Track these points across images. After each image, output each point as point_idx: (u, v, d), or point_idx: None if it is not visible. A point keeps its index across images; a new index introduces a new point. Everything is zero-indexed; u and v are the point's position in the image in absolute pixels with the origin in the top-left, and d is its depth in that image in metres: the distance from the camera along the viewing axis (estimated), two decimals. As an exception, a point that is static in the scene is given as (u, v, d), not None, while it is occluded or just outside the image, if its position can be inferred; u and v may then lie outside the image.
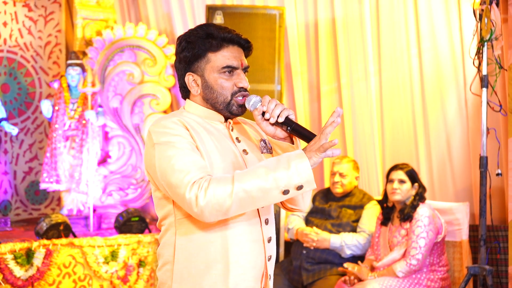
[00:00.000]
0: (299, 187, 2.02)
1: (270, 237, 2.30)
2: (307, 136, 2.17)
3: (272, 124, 2.21)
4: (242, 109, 2.27)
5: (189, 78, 2.26)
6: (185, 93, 2.32)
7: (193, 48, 2.22)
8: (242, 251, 2.19)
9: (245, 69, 2.28)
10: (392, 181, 4.45)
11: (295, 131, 2.19)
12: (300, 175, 2.01)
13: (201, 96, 2.26)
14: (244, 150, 2.28)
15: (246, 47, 2.29)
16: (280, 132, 2.23)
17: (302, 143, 2.25)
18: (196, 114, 2.26)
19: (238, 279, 2.18)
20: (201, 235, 2.14)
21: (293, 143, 2.23)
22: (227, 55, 2.23)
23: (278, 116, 2.18)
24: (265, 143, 2.39)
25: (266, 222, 2.28)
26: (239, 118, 2.39)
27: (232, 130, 2.32)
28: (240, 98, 2.25)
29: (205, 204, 1.99)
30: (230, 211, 2.03)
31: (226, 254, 2.16)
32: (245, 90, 2.26)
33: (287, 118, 2.18)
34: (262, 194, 2.01)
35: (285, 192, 2.02)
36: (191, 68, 2.25)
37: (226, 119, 2.31)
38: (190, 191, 2.00)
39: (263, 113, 2.20)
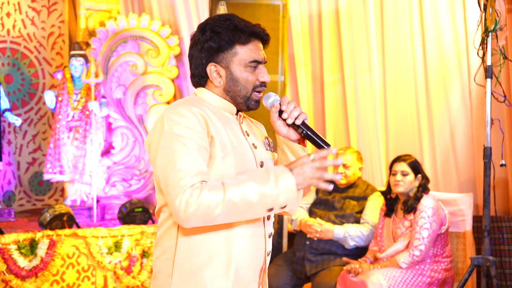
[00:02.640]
0: (283, 207, 2.06)
1: (271, 232, 2.32)
2: (320, 143, 2.20)
3: (287, 125, 2.25)
4: (258, 105, 2.28)
5: (211, 69, 2.22)
6: (200, 81, 2.28)
7: (220, 39, 2.19)
8: (245, 245, 2.20)
9: (265, 63, 2.29)
10: (395, 173, 4.44)
11: (309, 136, 2.22)
12: (286, 195, 2.04)
13: (222, 88, 2.24)
14: (253, 144, 2.28)
15: (266, 41, 2.28)
16: (293, 134, 2.27)
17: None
18: (210, 103, 2.25)
19: (239, 272, 2.18)
20: (206, 226, 2.12)
21: (305, 146, 2.27)
22: (253, 49, 2.22)
23: (295, 118, 2.21)
24: (269, 141, 2.41)
25: (268, 218, 2.30)
26: (246, 116, 2.40)
27: (242, 123, 2.32)
28: (258, 93, 2.25)
29: (193, 211, 1.98)
30: (216, 220, 2.03)
31: (229, 247, 2.16)
32: (265, 85, 2.26)
33: (303, 122, 2.22)
34: (249, 208, 2.03)
35: (270, 210, 2.06)
36: (214, 58, 2.21)
37: (237, 112, 2.31)
38: (182, 197, 1.99)
39: (280, 112, 2.23)
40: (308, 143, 2.30)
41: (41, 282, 4.90)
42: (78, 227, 5.30)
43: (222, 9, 5.47)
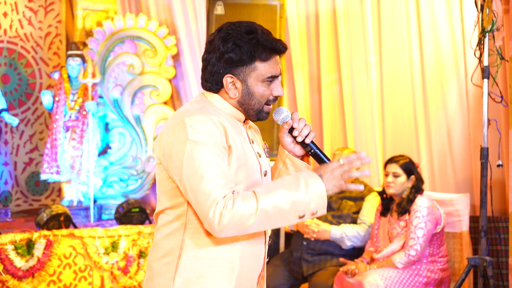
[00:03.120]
0: (314, 213, 2.06)
1: (270, 238, 2.32)
2: (326, 163, 2.22)
3: (296, 142, 2.27)
4: (268, 116, 2.28)
5: (228, 80, 2.19)
6: (212, 88, 2.24)
7: (241, 53, 2.16)
8: (248, 251, 2.20)
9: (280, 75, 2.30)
10: (387, 174, 4.44)
11: (316, 155, 2.26)
12: (317, 201, 2.04)
13: (237, 100, 2.22)
14: (258, 153, 2.29)
15: (283, 53, 2.27)
16: (299, 150, 2.30)
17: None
18: (222, 110, 2.23)
19: (241, 280, 2.19)
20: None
21: (309, 164, 2.31)
22: (272, 65, 2.21)
23: (305, 136, 2.24)
24: (266, 148, 2.41)
25: None
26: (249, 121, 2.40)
27: (248, 129, 2.32)
28: (269, 106, 2.26)
29: (228, 222, 1.98)
30: (249, 230, 2.04)
31: (234, 253, 2.17)
32: (277, 98, 2.27)
33: (312, 140, 2.25)
34: (281, 217, 2.03)
35: (302, 217, 2.05)
36: (232, 70, 2.18)
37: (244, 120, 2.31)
38: (216, 209, 1.98)
39: (290, 129, 2.25)
40: (311, 160, 2.33)
41: (38, 283, 4.90)
42: (75, 227, 5.30)
43: (219, 9, 5.47)
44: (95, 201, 6.15)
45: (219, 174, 2.02)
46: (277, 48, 2.20)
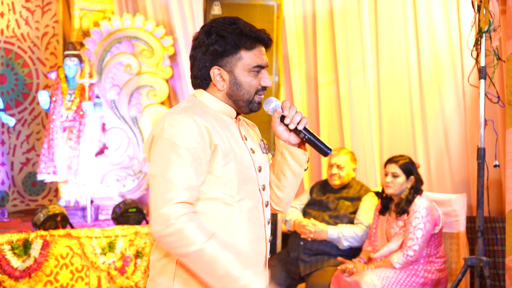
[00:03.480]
0: None
1: (269, 220, 2.34)
2: (322, 148, 2.23)
3: (289, 130, 2.26)
4: (260, 106, 2.30)
5: (215, 72, 2.22)
6: (201, 84, 2.28)
7: (226, 43, 2.19)
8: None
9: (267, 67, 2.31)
10: (386, 174, 4.46)
11: (311, 141, 2.24)
12: None
13: (225, 91, 2.25)
14: (251, 149, 2.29)
15: (269, 45, 2.31)
16: (294, 138, 2.29)
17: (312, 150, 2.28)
18: (211, 107, 2.25)
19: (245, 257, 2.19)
20: (209, 211, 2.15)
21: (306, 151, 2.30)
22: (258, 54, 2.25)
23: (298, 123, 2.23)
24: (264, 143, 2.42)
25: (267, 204, 2.32)
26: (242, 117, 2.41)
27: (241, 126, 2.34)
28: (260, 96, 2.27)
29: (169, 233, 1.99)
30: (179, 256, 2.05)
31: (233, 233, 2.17)
32: (266, 88, 2.29)
33: (304, 126, 2.23)
34: (210, 273, 2.04)
35: None
36: (219, 62, 2.22)
37: (236, 115, 2.32)
38: (168, 211, 2.00)
39: (281, 118, 2.25)
40: (308, 146, 2.32)
41: (35, 283, 4.89)
42: (72, 227, 5.29)
43: (216, 10, 5.47)
44: (92, 201, 6.14)
45: (180, 177, 2.04)
46: (260, 37, 2.24)
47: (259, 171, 2.28)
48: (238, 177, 2.17)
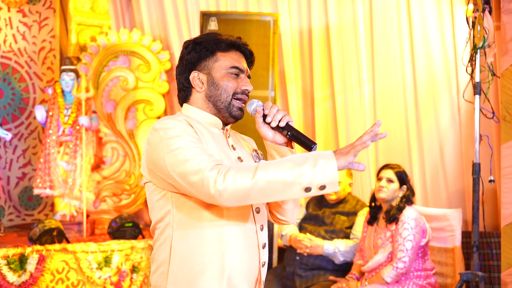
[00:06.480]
0: (322, 187, 1.97)
1: (265, 243, 2.32)
2: (307, 143, 2.18)
3: (272, 129, 2.25)
4: (241, 113, 2.31)
5: (194, 76, 2.29)
6: (186, 94, 2.33)
7: (201, 48, 2.27)
8: (238, 255, 2.20)
9: (248, 77, 2.33)
10: (380, 178, 4.45)
11: (295, 137, 2.21)
12: (325, 175, 1.95)
13: (204, 93, 2.29)
14: (239, 158, 2.30)
15: (249, 56, 2.34)
16: (280, 138, 2.27)
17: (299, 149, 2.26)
18: (196, 119, 2.27)
19: (233, 283, 2.19)
20: (197, 237, 2.15)
21: (293, 148, 2.26)
22: (235, 57, 2.29)
23: (279, 121, 2.21)
24: (257, 153, 2.42)
25: (261, 228, 2.31)
26: (234, 131, 2.42)
27: (228, 137, 2.34)
28: (240, 101, 2.29)
29: (223, 189, 1.97)
30: (250, 198, 2.00)
31: (222, 257, 2.17)
32: (247, 94, 2.30)
33: (287, 124, 2.22)
34: (284, 187, 1.97)
35: (307, 189, 1.97)
36: (196, 67, 2.29)
37: (223, 126, 2.33)
38: (209, 174, 1.99)
39: (264, 118, 2.24)
40: (296, 144, 2.30)
41: (30, 298, 4.88)
42: (68, 242, 5.28)
43: (213, 25, 5.49)
44: (88, 216, 6.14)
45: (200, 153, 2.06)
46: (236, 43, 2.30)
47: None
48: None
